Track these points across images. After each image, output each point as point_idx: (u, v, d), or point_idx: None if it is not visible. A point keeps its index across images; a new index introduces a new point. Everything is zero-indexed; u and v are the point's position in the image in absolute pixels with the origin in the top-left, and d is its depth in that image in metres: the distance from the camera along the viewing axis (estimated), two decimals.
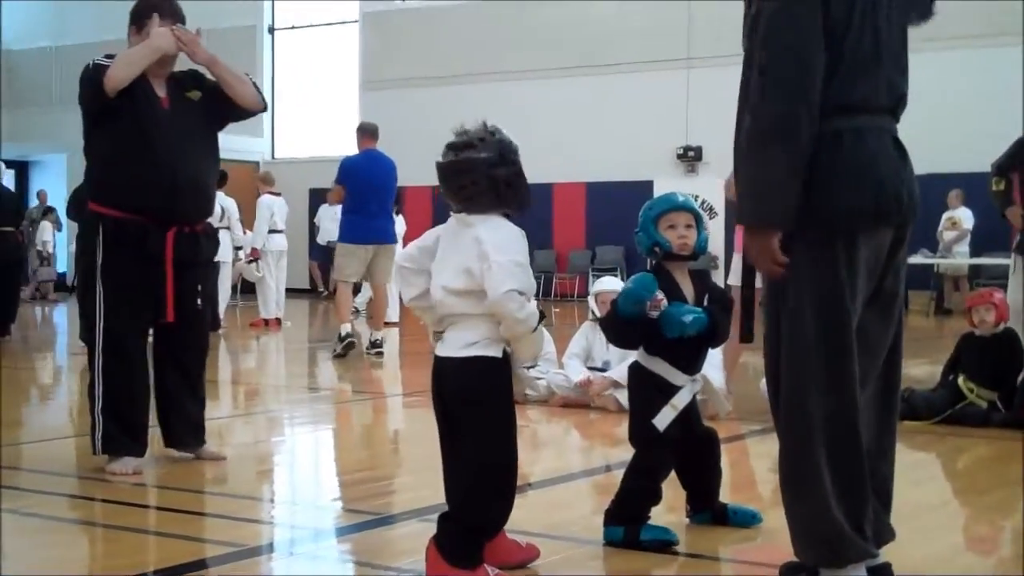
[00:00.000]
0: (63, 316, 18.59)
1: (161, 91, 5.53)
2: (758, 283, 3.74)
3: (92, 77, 5.37)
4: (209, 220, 5.79)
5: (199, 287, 5.65)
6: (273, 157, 25.79)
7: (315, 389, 9.86)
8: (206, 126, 5.67)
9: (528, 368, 3.93)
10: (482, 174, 3.71)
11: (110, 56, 5.44)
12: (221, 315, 14.10)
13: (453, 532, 3.72)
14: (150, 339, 5.66)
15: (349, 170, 11.41)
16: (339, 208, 12.03)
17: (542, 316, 3.70)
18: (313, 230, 21.13)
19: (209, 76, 5.65)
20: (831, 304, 3.40)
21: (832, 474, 3.42)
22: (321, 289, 22.83)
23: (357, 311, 14.12)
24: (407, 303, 3.96)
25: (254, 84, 5.73)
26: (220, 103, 5.64)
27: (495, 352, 3.71)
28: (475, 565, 3.70)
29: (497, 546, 3.86)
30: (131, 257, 5.42)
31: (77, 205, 11.47)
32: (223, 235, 12.40)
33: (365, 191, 11.22)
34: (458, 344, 3.74)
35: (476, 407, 3.72)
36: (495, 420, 3.74)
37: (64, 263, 24.48)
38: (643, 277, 4.29)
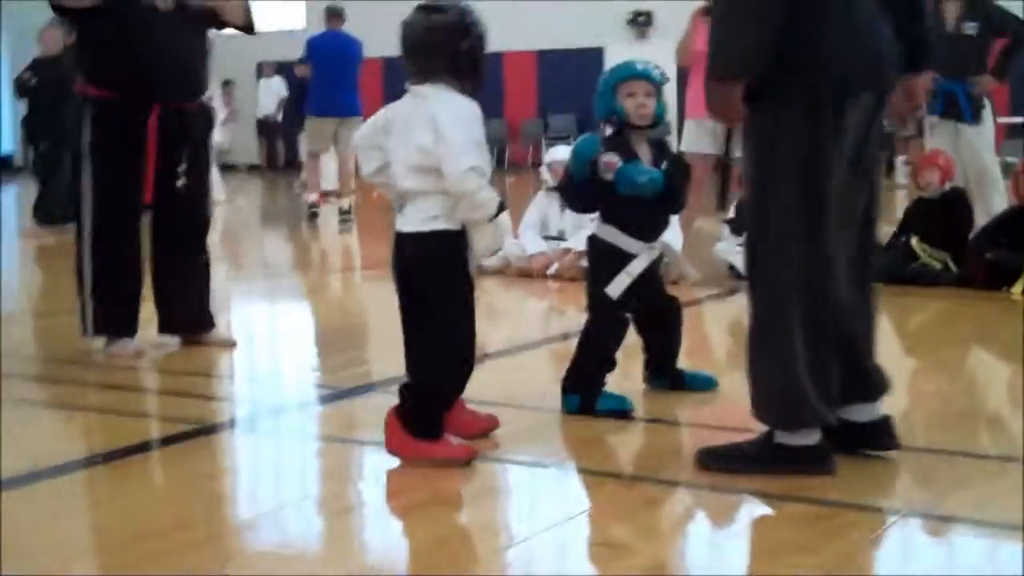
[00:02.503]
0: (11, 198, 18.32)
1: None
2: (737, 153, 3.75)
3: None
4: (203, 99, 5.64)
5: (188, 166, 5.49)
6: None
7: (270, 266, 9.84)
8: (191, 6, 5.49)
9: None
10: (447, 41, 3.70)
11: None
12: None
13: (413, 403, 3.75)
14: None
15: (316, 48, 12.19)
16: (275, 81, 12.54)
17: (502, 207, 3.68)
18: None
19: None
20: (815, 168, 3.41)
21: (804, 336, 3.46)
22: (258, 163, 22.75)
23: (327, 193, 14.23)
24: (366, 178, 3.94)
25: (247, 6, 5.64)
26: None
27: (454, 225, 3.70)
28: (437, 435, 3.74)
29: (456, 417, 3.89)
30: (117, 136, 5.32)
31: (20, 85, 11.33)
32: None
33: (329, 68, 11.92)
34: (417, 219, 3.73)
35: (435, 280, 3.74)
36: (454, 292, 3.76)
37: (10, 144, 24.08)
38: (584, 139, 4.32)
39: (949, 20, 8.18)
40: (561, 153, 7.97)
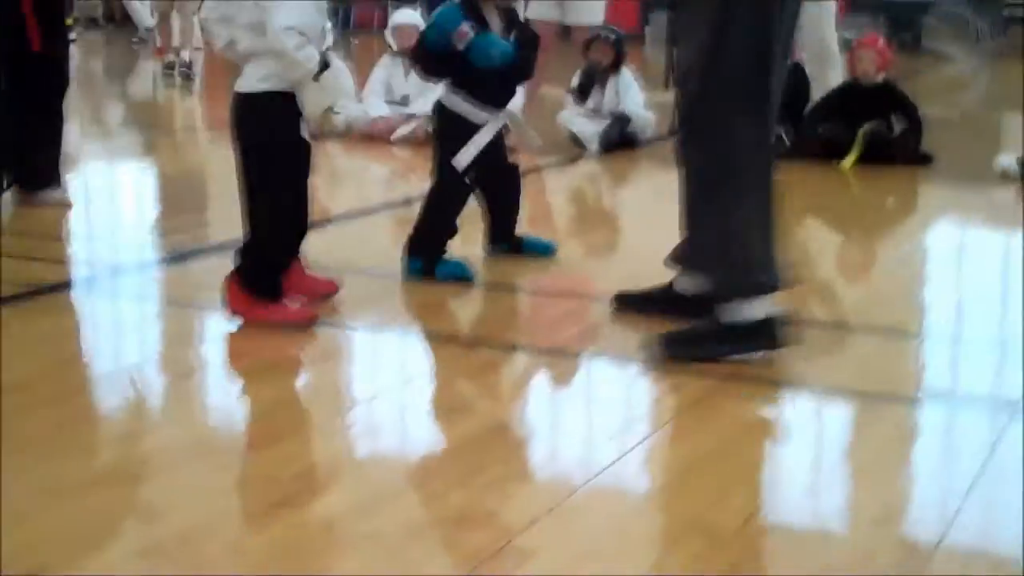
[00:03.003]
0: None
1: None
2: None
3: None
4: None
5: (68, 20, 5.45)
6: None
7: (108, 124, 9.59)
8: None
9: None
10: None
11: None
12: None
13: (248, 264, 3.76)
14: None
15: None
16: None
17: (326, 66, 3.65)
18: None
19: None
20: (764, 42, 3.44)
21: (754, 201, 3.50)
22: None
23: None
24: (219, 52, 3.88)
25: None
26: None
27: (285, 87, 3.68)
28: (274, 296, 3.75)
29: (296, 281, 3.90)
30: None
31: None
32: None
33: None
34: (252, 79, 3.71)
35: (264, 140, 3.73)
36: (284, 153, 3.75)
37: None
38: (447, 9, 4.29)
39: None
40: (406, 17, 7.89)
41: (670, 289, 3.87)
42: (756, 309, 3.48)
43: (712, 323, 3.52)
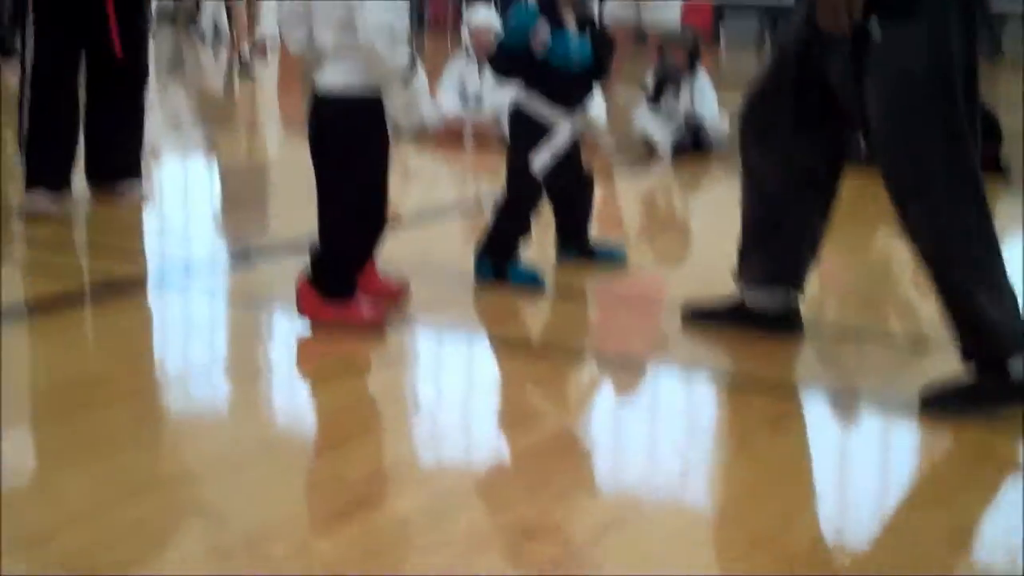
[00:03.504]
0: None
1: None
2: None
3: None
4: None
5: (135, 16, 5.35)
6: None
7: (182, 122, 9.69)
8: None
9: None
10: None
11: None
12: None
13: (324, 264, 3.76)
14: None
15: None
16: None
17: (414, 68, 3.65)
18: None
19: None
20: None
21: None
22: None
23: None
24: (295, 54, 3.90)
25: None
26: None
27: (370, 89, 3.68)
28: (348, 295, 3.75)
29: (368, 283, 3.92)
30: None
31: None
32: None
33: None
34: (333, 79, 3.70)
35: (348, 142, 3.72)
36: (367, 155, 3.75)
37: None
38: (523, 9, 4.28)
39: None
40: (482, 16, 7.89)
41: (742, 304, 3.82)
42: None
43: (993, 379, 3.25)
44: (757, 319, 3.76)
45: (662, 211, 6.53)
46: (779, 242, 3.69)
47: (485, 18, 7.89)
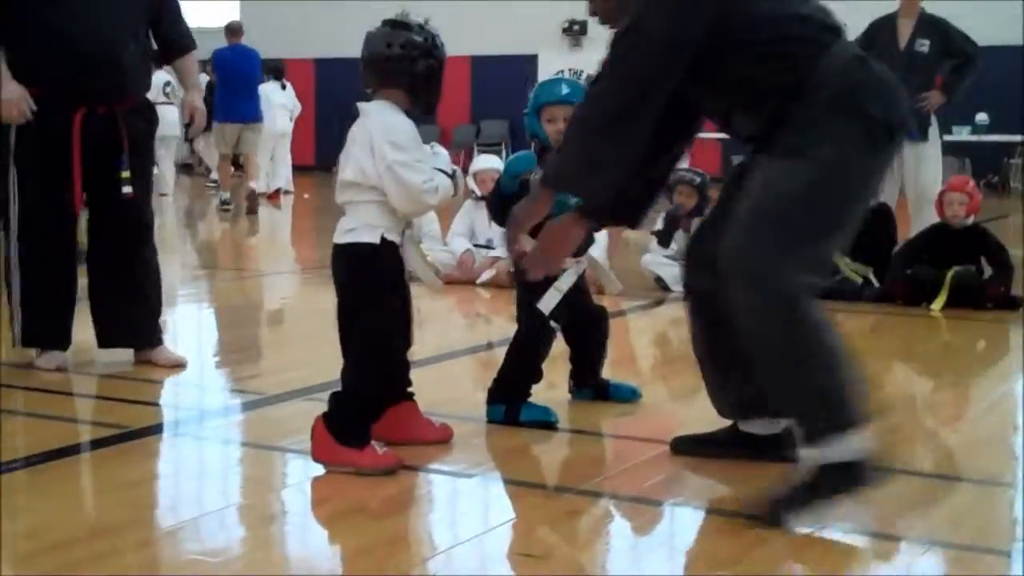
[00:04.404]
0: None
1: None
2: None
3: None
4: (144, 95, 5.31)
5: (127, 173, 5.10)
6: None
7: (197, 267, 9.77)
8: None
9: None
10: (405, 58, 3.80)
11: None
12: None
13: (340, 410, 3.78)
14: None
15: (219, 62, 14.02)
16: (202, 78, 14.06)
17: (454, 174, 3.85)
18: None
19: None
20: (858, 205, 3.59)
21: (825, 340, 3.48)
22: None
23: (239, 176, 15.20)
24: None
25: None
26: None
27: (370, 238, 3.77)
28: (363, 443, 3.75)
29: (411, 424, 4.01)
30: (41, 138, 4.96)
31: None
32: (167, 110, 13.75)
33: (233, 79, 13.77)
34: (341, 229, 3.83)
35: (352, 290, 3.81)
36: (382, 302, 3.80)
37: None
38: (522, 155, 4.35)
39: (902, 38, 8.31)
40: (486, 163, 8.02)
41: (737, 431, 3.84)
42: (847, 447, 3.35)
43: (809, 473, 3.39)
44: (756, 444, 3.80)
45: (675, 349, 6.53)
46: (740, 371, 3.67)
47: (487, 161, 8.03)
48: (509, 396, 4.31)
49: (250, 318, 7.46)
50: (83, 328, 5.32)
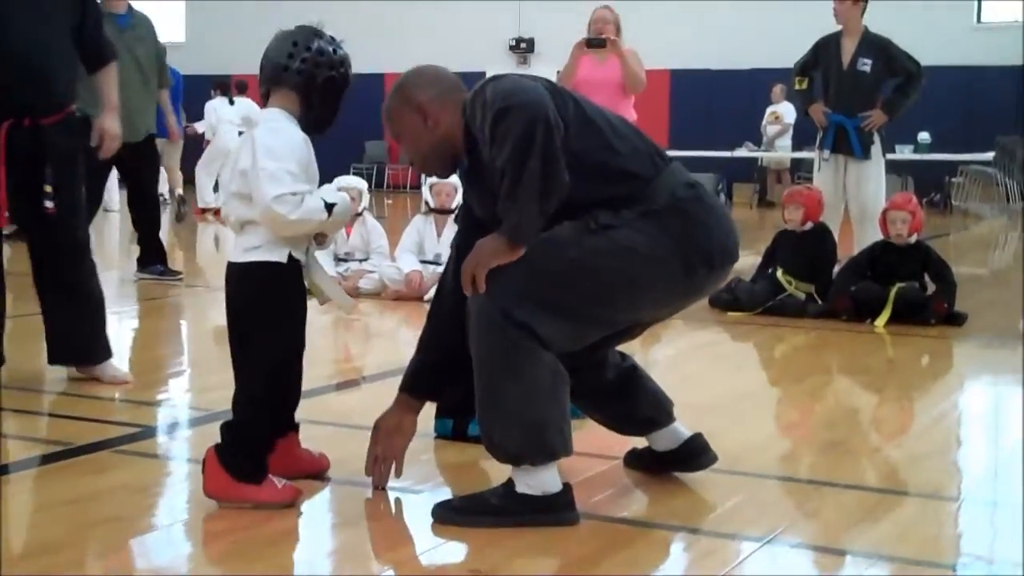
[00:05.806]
0: None
1: None
2: None
3: None
4: (73, 109, 5.13)
5: (49, 187, 4.97)
6: None
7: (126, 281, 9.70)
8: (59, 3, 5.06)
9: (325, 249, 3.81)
10: (314, 62, 3.54)
11: None
12: None
13: (233, 443, 3.55)
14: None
15: None
16: None
17: (331, 205, 3.49)
18: None
19: None
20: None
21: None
22: None
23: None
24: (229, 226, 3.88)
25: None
26: None
27: (278, 257, 3.52)
28: (260, 478, 3.56)
29: (287, 458, 3.75)
30: None
31: None
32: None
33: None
34: (241, 248, 3.56)
35: (253, 314, 3.56)
36: (276, 328, 3.55)
37: None
38: None
39: (845, 56, 8.39)
40: None
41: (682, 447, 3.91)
42: (540, 479, 3.47)
43: (506, 491, 3.51)
44: (662, 459, 3.91)
45: None
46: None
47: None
48: (456, 411, 4.30)
49: (197, 333, 7.41)
50: (32, 344, 5.24)
